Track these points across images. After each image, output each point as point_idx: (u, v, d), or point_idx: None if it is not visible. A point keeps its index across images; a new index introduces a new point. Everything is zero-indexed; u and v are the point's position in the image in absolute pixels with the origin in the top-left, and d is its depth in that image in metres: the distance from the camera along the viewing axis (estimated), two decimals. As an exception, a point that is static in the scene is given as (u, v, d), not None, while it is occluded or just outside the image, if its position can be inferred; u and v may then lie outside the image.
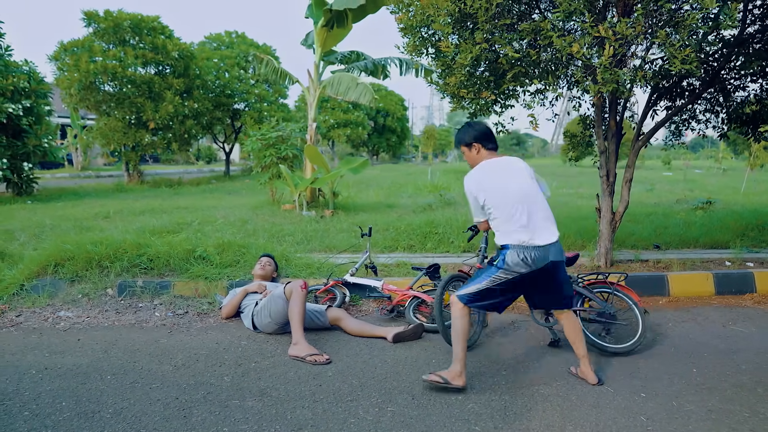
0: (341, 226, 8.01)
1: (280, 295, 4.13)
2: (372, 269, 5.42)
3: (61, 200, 12.04)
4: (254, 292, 4.61)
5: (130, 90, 16.52)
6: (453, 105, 6.37)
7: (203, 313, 4.79)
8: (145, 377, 3.45)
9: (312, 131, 9.84)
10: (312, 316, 4.32)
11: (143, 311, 4.80)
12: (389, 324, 4.62)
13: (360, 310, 5.03)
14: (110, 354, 3.85)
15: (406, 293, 4.86)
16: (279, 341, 4.16)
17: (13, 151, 11.84)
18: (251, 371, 3.57)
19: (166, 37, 17.58)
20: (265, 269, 4.99)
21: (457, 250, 7.05)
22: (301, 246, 6.75)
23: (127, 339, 4.17)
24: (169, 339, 4.18)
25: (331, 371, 3.59)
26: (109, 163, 32.17)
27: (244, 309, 4.53)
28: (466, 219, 8.40)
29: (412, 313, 4.67)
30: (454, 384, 3.26)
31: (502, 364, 3.78)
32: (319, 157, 8.97)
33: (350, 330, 4.33)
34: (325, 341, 4.17)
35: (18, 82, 11.72)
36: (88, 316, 4.68)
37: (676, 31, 4.03)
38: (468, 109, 6.34)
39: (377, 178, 19.76)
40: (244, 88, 22.31)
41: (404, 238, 7.34)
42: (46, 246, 5.62)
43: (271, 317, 4.18)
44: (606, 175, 5.95)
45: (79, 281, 5.12)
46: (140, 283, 5.06)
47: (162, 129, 17.43)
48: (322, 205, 9.72)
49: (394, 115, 42.69)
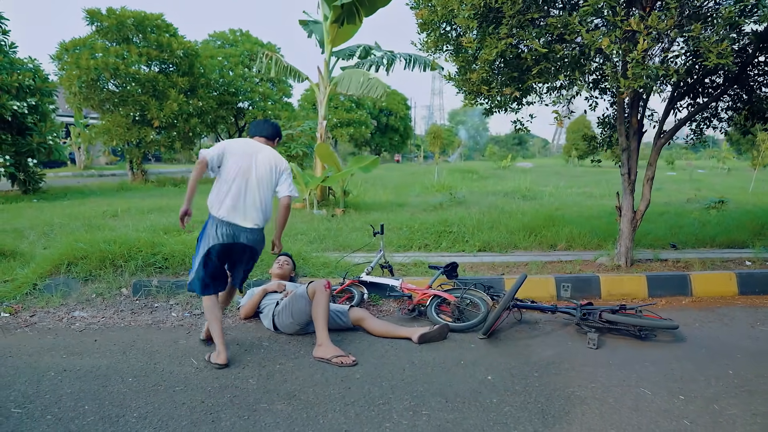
0: (353, 224, 7.90)
1: (303, 295, 4.03)
2: (387, 268, 5.32)
3: (67, 198, 11.93)
4: (274, 291, 4.51)
5: (134, 88, 16.42)
6: (466, 101, 6.27)
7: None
8: (168, 379, 3.35)
9: (322, 129, 9.73)
10: (334, 317, 4.22)
11: (159, 311, 4.70)
12: (411, 324, 4.52)
13: (380, 310, 4.93)
14: (129, 355, 3.75)
15: (427, 292, 4.76)
16: (301, 342, 4.06)
17: (18, 148, 11.73)
18: (276, 373, 3.47)
19: (170, 35, 17.44)
20: (283, 268, 4.89)
21: (473, 249, 6.96)
22: (314, 245, 6.65)
23: (144, 340, 4.06)
24: (188, 340, 4.08)
25: (359, 373, 3.49)
26: (112, 162, 32.12)
27: (264, 309, 4.43)
28: (481, 218, 8.31)
29: (435, 313, 4.57)
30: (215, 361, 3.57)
31: (532, 365, 3.68)
32: (330, 155, 8.88)
33: (373, 330, 4.23)
34: (348, 342, 4.06)
35: (23, 80, 11.61)
36: (103, 316, 4.58)
37: (710, 24, 3.92)
38: (484, 105, 6.24)
39: (382, 177, 19.67)
40: (248, 87, 22.19)
41: (418, 237, 7.25)
42: (58, 244, 5.51)
43: (293, 317, 4.08)
44: (628, 173, 5.85)
45: (93, 281, 5.02)
46: (155, 283, 4.96)
47: (166, 127, 17.30)
48: (332, 204, 9.61)
49: (397, 114, 42.58)
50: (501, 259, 6.49)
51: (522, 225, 7.76)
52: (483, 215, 8.68)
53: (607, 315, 4.28)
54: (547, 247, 7.18)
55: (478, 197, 12.32)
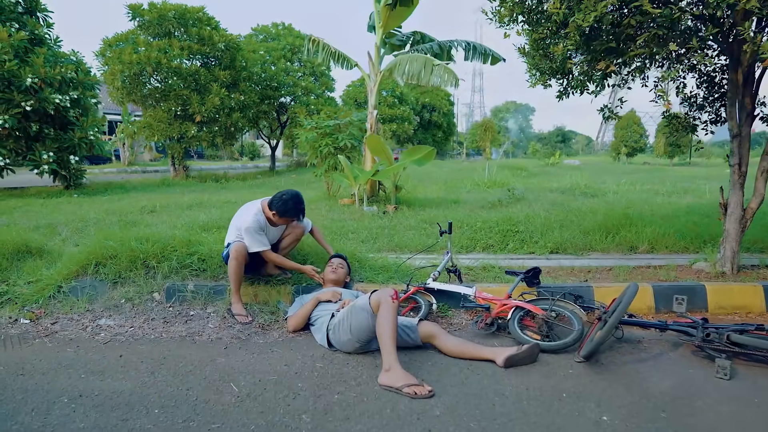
0: (408, 222, 7.18)
1: (365, 308, 3.33)
2: (455, 273, 4.59)
3: (107, 194, 11.60)
4: (327, 300, 3.83)
5: (176, 82, 16.14)
6: (537, 82, 5.50)
7: (266, 324, 4.04)
8: (202, 412, 2.69)
9: (373, 120, 9.03)
10: (400, 332, 3.51)
11: (195, 321, 4.07)
12: (490, 341, 3.77)
13: (450, 323, 4.19)
14: (157, 377, 3.11)
15: (508, 303, 4.00)
16: (362, 363, 3.36)
17: (60, 143, 11.43)
18: (335, 406, 2.78)
19: (211, 28, 17.11)
20: (338, 272, 4.21)
21: (544, 251, 6.17)
22: (366, 245, 5.96)
23: (176, 356, 3.44)
24: (227, 358, 3.43)
25: (438, 408, 2.77)
26: (155, 159, 32.30)
27: (316, 321, 3.76)
28: (548, 217, 7.49)
29: (519, 328, 3.81)
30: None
31: (655, 401, 2.88)
32: (382, 147, 8.16)
33: (448, 350, 3.49)
34: (418, 365, 3.34)
35: (65, 73, 11.29)
36: (131, 325, 3.98)
37: None
38: (559, 85, 5.45)
39: (429, 173, 18.88)
40: (290, 81, 21.73)
41: (482, 237, 6.49)
42: (87, 242, 4.96)
43: (352, 334, 3.38)
44: (738, 163, 4.95)
45: (123, 283, 4.44)
46: (191, 287, 4.34)
47: (208, 122, 16.97)
48: (383, 200, 8.91)
49: (440, 110, 41.65)
50: (579, 263, 5.68)
51: (596, 224, 6.90)
52: (549, 213, 7.84)
53: (736, 336, 3.43)
54: (626, 249, 6.34)
55: (537, 194, 11.44)
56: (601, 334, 3.29)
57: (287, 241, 4.56)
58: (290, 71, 21.95)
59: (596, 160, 53.27)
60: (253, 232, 4.12)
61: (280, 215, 4.19)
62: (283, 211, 4.18)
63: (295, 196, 4.23)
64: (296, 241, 4.64)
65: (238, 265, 4.06)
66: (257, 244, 4.13)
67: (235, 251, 4.04)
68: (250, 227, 4.12)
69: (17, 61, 10.28)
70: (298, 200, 4.25)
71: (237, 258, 4.04)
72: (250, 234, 4.12)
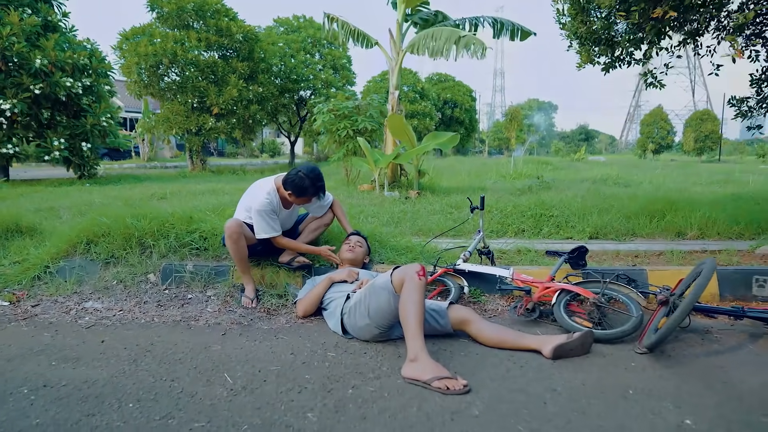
0: (432, 207, 6.64)
1: (386, 286, 2.80)
2: (487, 255, 4.05)
3: (120, 183, 11.24)
4: (343, 281, 3.32)
5: (193, 74, 15.83)
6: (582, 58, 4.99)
7: (272, 309, 3.54)
8: (185, 408, 2.20)
9: (394, 100, 8.49)
10: (428, 318, 2.97)
11: (192, 304, 3.59)
12: (531, 329, 3.22)
13: (484, 309, 3.64)
14: (139, 365, 2.63)
15: (551, 286, 3.44)
16: (382, 353, 2.83)
17: (72, 130, 11.10)
18: (348, 403, 2.26)
19: (229, 19, 16.77)
20: (355, 251, 3.69)
21: (582, 236, 5.59)
22: (388, 229, 5.43)
23: (166, 343, 2.95)
24: (224, 345, 2.93)
25: (477, 406, 2.23)
26: (176, 156, 32.16)
27: (329, 305, 3.25)
28: (584, 201, 6.88)
29: (566, 314, 3.25)
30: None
31: (745, 402, 2.31)
32: (404, 128, 7.60)
33: (484, 338, 2.95)
34: (449, 355, 2.81)
35: (78, 59, 10.96)
36: (121, 309, 3.51)
37: None
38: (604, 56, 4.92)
39: (451, 166, 18.27)
40: (310, 74, 21.29)
41: (513, 222, 5.92)
42: (80, 221, 4.51)
43: (371, 318, 2.86)
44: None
45: (115, 263, 3.97)
46: (190, 267, 3.85)
47: (225, 114, 16.62)
48: (404, 186, 8.36)
49: (462, 106, 40.90)
50: (624, 247, 5.09)
51: (638, 209, 6.28)
52: (584, 199, 7.23)
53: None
54: (673, 234, 5.73)
55: (567, 183, 10.80)
56: (672, 319, 2.71)
57: (312, 228, 4.02)
58: (310, 63, 21.50)
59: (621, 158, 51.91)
60: (265, 215, 3.56)
61: (296, 195, 3.59)
62: (300, 190, 3.56)
63: (312, 170, 3.63)
64: (322, 227, 4.07)
65: (235, 245, 3.50)
66: (267, 229, 3.58)
67: (228, 230, 3.47)
68: (262, 209, 3.56)
69: (28, 45, 9.96)
70: (316, 176, 3.63)
71: (232, 237, 3.47)
72: (261, 217, 3.56)
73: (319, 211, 4.03)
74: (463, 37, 7.64)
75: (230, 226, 3.46)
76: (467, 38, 7.61)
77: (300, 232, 3.97)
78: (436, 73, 42.18)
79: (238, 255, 3.52)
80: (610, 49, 5.20)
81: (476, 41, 7.60)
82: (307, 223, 3.99)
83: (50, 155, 10.78)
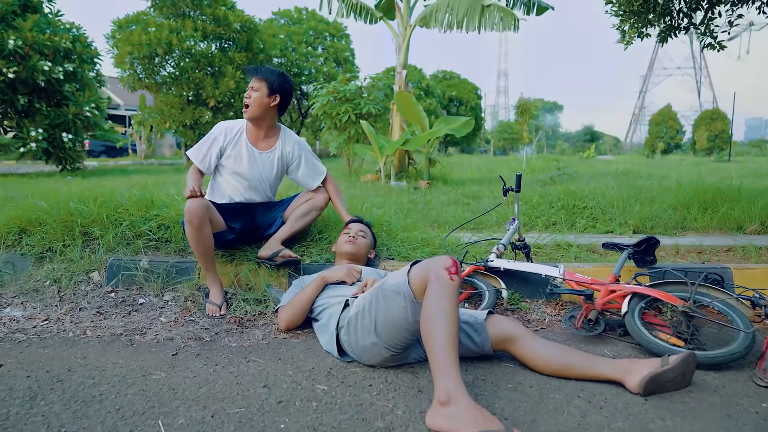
0: (446, 197, 5.78)
1: (401, 290, 1.93)
2: (523, 250, 3.19)
3: (104, 176, 10.40)
4: (340, 282, 2.46)
5: (188, 64, 15.02)
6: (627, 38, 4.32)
7: (245, 319, 2.67)
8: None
9: (401, 81, 7.64)
10: (461, 333, 2.10)
11: (142, 312, 2.73)
12: (596, 348, 2.36)
13: (527, 320, 2.77)
14: (37, 406, 1.76)
15: (620, 288, 2.56)
16: (395, 384, 1.97)
17: (52, 120, 10.26)
18: (344, 477, 1.39)
19: (227, 8, 15.98)
20: (357, 243, 2.80)
21: (626, 229, 4.73)
22: (396, 220, 4.57)
23: (92, 368, 2.09)
24: (172, 372, 2.06)
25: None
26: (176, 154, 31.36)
27: (322, 314, 2.38)
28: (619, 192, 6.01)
29: (644, 328, 2.37)
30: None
31: None
32: (414, 108, 6.72)
33: (538, 362, 2.08)
34: (491, 389, 1.94)
35: (60, 41, 10.13)
36: (46, 317, 2.65)
37: None
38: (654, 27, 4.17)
39: (459, 162, 17.42)
40: (311, 67, 20.48)
41: (542, 214, 5.06)
42: (11, 208, 3.63)
43: (379, 334, 1.99)
44: None
45: (51, 259, 3.12)
46: (144, 264, 2.99)
47: (223, 107, 15.81)
48: (413, 176, 7.47)
49: (468, 104, 39.99)
50: (684, 242, 4.22)
51: (685, 199, 5.41)
52: (618, 190, 6.36)
53: None
54: (732, 228, 4.87)
55: (589, 176, 9.92)
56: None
57: (300, 213, 3.09)
58: (312, 56, 20.68)
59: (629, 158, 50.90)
60: (207, 137, 2.97)
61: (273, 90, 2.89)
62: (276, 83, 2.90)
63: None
64: (314, 212, 3.14)
65: (197, 233, 2.62)
66: (195, 150, 2.99)
67: (189, 212, 2.60)
68: (209, 133, 3.03)
69: (2, 25, 9.14)
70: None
71: (192, 222, 2.60)
72: (203, 139, 2.99)
73: (309, 180, 3.16)
74: (487, 6, 6.72)
75: (191, 207, 2.59)
76: (493, 8, 6.70)
77: (284, 220, 3.10)
78: (441, 70, 41.34)
79: (200, 246, 2.65)
80: (666, 16, 4.49)
81: (505, 12, 6.70)
82: (294, 207, 3.11)
83: (27, 146, 9.93)
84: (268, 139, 3.03)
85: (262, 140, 3.00)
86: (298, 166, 3.14)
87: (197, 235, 2.60)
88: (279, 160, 3.06)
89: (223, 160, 2.95)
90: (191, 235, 2.61)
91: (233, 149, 2.94)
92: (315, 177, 3.16)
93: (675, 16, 4.62)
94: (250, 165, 2.95)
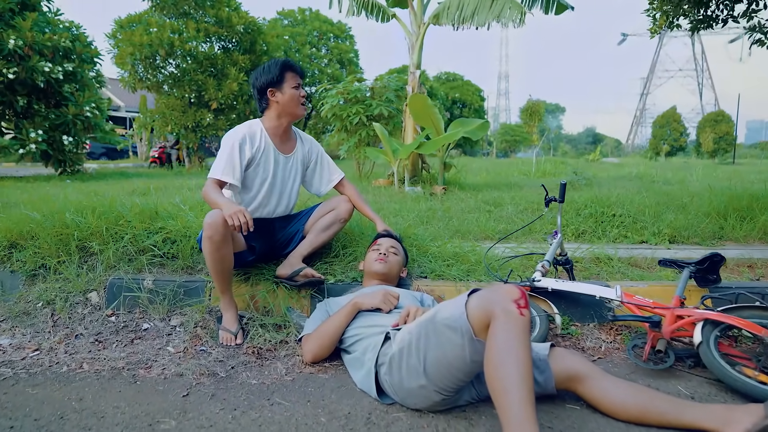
0: (466, 204, 5.46)
1: (457, 325, 1.61)
2: (565, 266, 2.88)
3: (105, 180, 10.10)
4: (375, 309, 2.14)
5: (191, 66, 14.73)
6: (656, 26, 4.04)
7: (264, 349, 2.35)
8: None
9: (415, 82, 7.34)
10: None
11: (147, 340, 2.41)
12: (667, 384, 2.04)
13: (581, 348, 2.45)
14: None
15: (690, 314, 2.24)
16: None
17: (51, 122, 9.95)
18: None
19: (231, 9, 15.69)
20: (389, 261, 2.47)
21: (661, 240, 4.44)
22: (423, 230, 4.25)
23: (87, 413, 1.77)
24: (183, 419, 1.74)
25: None
26: (180, 158, 31.04)
27: (355, 346, 2.07)
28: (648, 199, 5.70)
29: (724, 362, 2.06)
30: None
31: None
32: (429, 110, 6.41)
33: (612, 406, 1.76)
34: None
35: (59, 41, 9.82)
36: (38, 347, 2.33)
37: None
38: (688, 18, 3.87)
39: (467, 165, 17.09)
40: (315, 68, 20.18)
41: (569, 222, 4.75)
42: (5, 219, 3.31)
43: (429, 375, 1.68)
44: None
45: (44, 278, 2.80)
46: (149, 283, 2.67)
47: (225, 110, 15.53)
48: (427, 181, 7.15)
49: (471, 106, 39.71)
50: (732, 254, 3.91)
51: (722, 208, 5.10)
52: (646, 196, 6.04)
53: None
54: (773, 237, 4.58)
55: (606, 180, 9.61)
56: None
57: (322, 225, 2.75)
58: (316, 57, 20.39)
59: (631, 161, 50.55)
60: (228, 145, 2.49)
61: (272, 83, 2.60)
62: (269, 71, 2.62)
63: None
64: (337, 224, 2.78)
65: (216, 252, 2.27)
66: (218, 166, 2.46)
67: (210, 227, 2.24)
68: (229, 136, 2.56)
69: (1, 24, 8.85)
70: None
71: (212, 238, 2.24)
72: (222, 148, 2.52)
73: (325, 183, 2.86)
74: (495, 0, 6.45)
75: (213, 221, 2.23)
76: (501, 1, 6.42)
77: (304, 234, 2.77)
78: (445, 72, 41.05)
79: (218, 266, 2.31)
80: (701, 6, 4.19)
81: (513, 4, 6.41)
82: (315, 219, 2.78)
83: (26, 148, 9.62)
84: (289, 141, 2.72)
85: (285, 143, 2.69)
86: (315, 168, 2.84)
87: (217, 255, 2.26)
88: (301, 162, 2.76)
89: (249, 171, 2.58)
90: (210, 253, 2.26)
91: (262, 156, 2.60)
92: (331, 179, 2.87)
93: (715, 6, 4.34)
94: (276, 172, 2.62)
